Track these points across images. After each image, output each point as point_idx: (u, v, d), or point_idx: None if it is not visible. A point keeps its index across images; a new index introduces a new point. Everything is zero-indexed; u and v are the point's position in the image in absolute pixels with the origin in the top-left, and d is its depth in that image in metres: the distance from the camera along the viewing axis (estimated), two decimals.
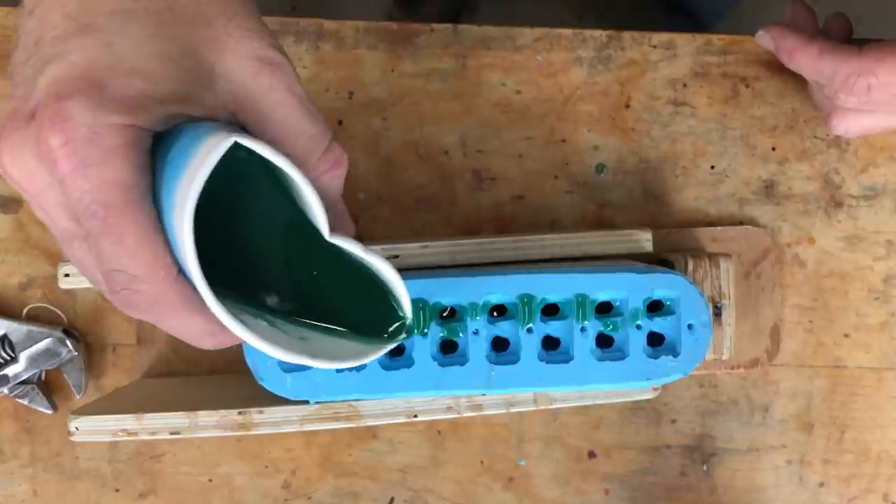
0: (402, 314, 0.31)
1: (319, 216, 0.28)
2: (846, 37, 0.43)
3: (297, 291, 0.30)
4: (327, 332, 0.30)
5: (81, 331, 0.46)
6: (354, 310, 0.31)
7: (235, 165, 0.26)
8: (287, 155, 0.27)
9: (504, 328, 0.37)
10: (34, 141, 0.25)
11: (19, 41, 0.27)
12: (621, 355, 0.37)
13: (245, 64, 0.28)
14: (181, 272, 0.27)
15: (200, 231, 0.25)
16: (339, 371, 0.36)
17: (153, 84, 0.26)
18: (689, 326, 0.37)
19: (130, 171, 0.25)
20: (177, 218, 0.25)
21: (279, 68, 0.28)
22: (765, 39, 0.44)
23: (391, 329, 0.31)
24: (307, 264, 0.30)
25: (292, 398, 0.37)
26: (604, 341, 0.38)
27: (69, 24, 0.26)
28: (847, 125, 0.42)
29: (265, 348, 0.26)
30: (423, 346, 0.36)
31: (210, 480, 0.47)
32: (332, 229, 0.29)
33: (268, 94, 0.28)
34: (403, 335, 0.31)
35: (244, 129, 0.28)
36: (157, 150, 0.27)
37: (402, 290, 0.30)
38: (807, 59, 0.41)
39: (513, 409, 0.39)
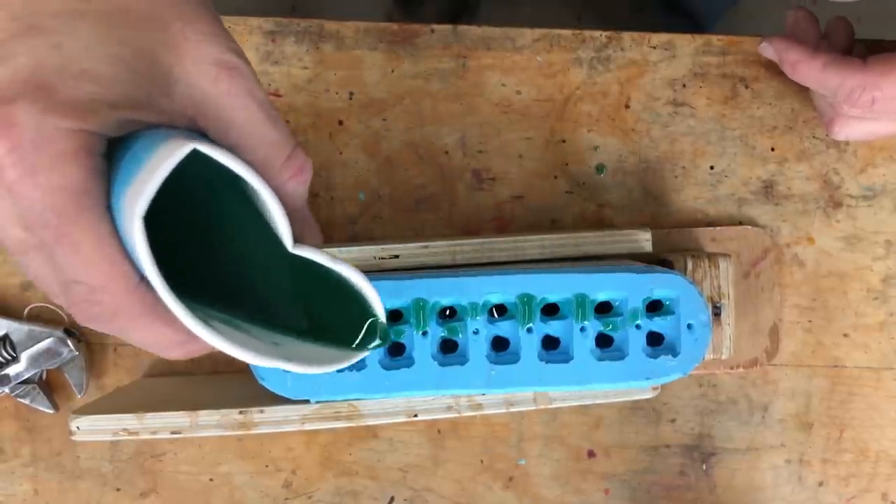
0: (376, 321, 0.31)
1: (283, 227, 0.27)
2: (848, 40, 0.43)
3: (269, 299, 0.29)
4: (300, 338, 0.30)
5: (82, 330, 0.46)
6: (329, 316, 0.30)
7: (202, 172, 0.25)
8: (248, 162, 0.26)
9: (504, 328, 0.37)
10: None
11: None
12: (621, 355, 0.37)
13: (203, 69, 0.27)
14: (143, 280, 0.25)
15: (163, 238, 0.24)
16: (339, 371, 0.36)
17: (104, 88, 0.25)
18: (689, 326, 0.37)
19: (81, 177, 0.24)
20: (128, 223, 0.24)
21: (238, 72, 0.27)
22: (768, 51, 0.43)
23: (365, 335, 0.31)
24: (277, 272, 0.29)
25: (293, 397, 0.37)
26: (603, 341, 0.38)
27: (14, 26, 0.25)
28: (849, 132, 0.42)
29: (237, 353, 0.26)
30: (424, 346, 0.37)
31: (211, 480, 0.47)
32: (299, 238, 0.28)
33: (227, 99, 0.27)
34: (378, 342, 0.31)
35: (205, 136, 0.28)
36: (114, 155, 0.26)
37: (374, 298, 0.30)
38: (810, 72, 0.40)
39: (513, 409, 0.39)
